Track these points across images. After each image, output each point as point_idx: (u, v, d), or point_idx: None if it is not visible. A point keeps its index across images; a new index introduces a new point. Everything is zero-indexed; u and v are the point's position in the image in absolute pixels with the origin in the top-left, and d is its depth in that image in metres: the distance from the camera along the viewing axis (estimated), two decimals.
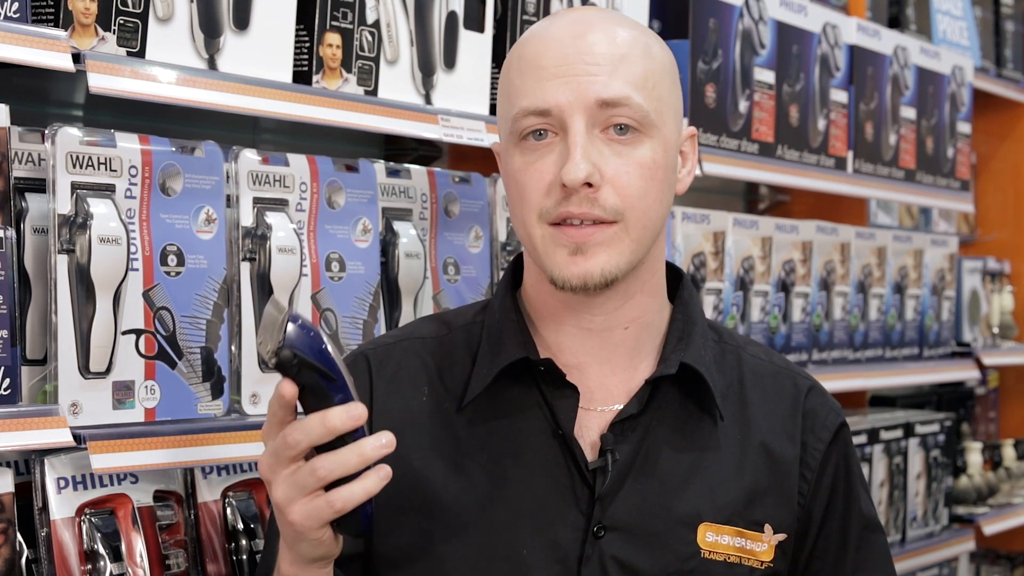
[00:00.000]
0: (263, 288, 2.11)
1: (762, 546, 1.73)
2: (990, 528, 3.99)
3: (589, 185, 1.64)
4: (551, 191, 1.66)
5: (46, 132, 1.89)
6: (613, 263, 1.66)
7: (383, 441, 1.51)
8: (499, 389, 1.74)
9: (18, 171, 1.89)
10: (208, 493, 2.09)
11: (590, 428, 1.72)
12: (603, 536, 1.69)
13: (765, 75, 3.14)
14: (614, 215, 1.65)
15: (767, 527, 1.74)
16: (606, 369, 1.75)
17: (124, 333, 1.94)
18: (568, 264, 1.66)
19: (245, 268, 2.10)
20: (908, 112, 3.75)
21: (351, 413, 1.50)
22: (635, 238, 1.67)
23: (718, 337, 1.82)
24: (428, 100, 2.40)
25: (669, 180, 1.71)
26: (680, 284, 1.81)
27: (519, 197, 1.69)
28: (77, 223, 1.88)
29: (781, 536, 1.74)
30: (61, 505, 1.92)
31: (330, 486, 1.51)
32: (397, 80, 2.35)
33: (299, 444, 1.50)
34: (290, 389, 1.50)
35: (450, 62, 2.43)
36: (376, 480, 1.51)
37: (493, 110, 2.47)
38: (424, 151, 2.75)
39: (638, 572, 1.69)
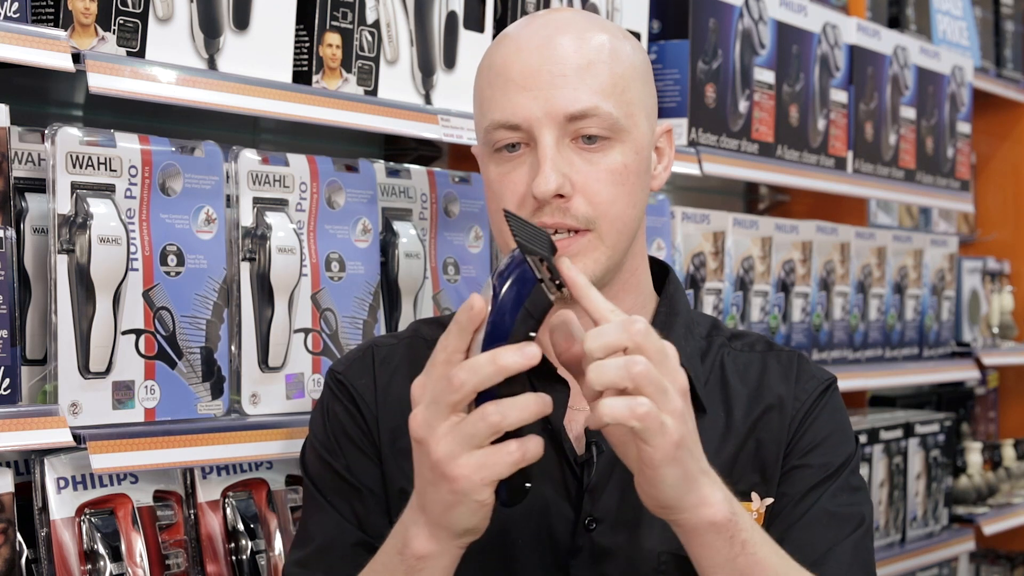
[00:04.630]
0: (263, 288, 2.11)
1: (754, 515, 1.73)
2: (990, 528, 3.99)
3: (561, 196, 1.66)
4: (525, 202, 1.69)
5: (46, 132, 1.89)
6: (589, 271, 1.68)
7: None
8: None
9: (18, 171, 1.89)
10: (208, 493, 2.09)
11: (577, 422, 1.74)
12: (595, 528, 1.71)
13: (765, 75, 3.14)
14: (586, 223, 1.68)
15: (754, 495, 1.75)
16: None
17: (124, 333, 1.94)
18: None
19: (245, 268, 2.10)
20: (908, 112, 3.75)
21: (525, 352, 1.38)
22: (610, 244, 1.70)
23: (707, 331, 1.85)
24: (428, 100, 2.40)
25: (642, 181, 1.74)
26: (667, 279, 1.84)
27: (496, 208, 1.72)
28: (77, 223, 1.88)
29: (769, 500, 1.76)
30: (61, 505, 1.92)
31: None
32: (397, 80, 2.35)
33: (464, 385, 1.38)
34: (481, 304, 1.39)
35: (450, 62, 2.43)
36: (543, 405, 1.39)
37: None
38: (424, 151, 2.75)
39: (632, 560, 1.71)
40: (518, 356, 1.38)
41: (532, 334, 1.40)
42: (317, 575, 1.75)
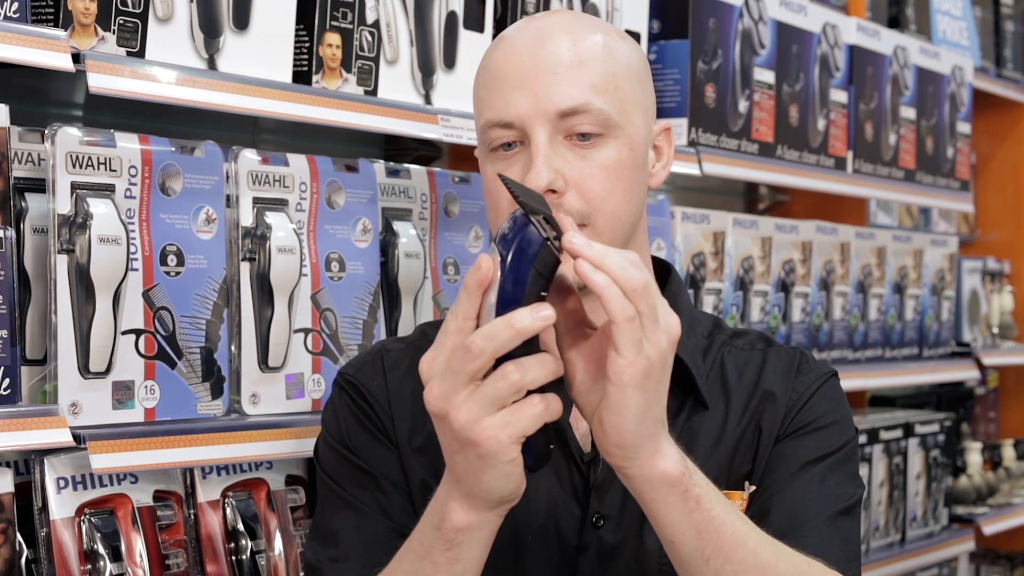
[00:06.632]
0: (263, 288, 2.11)
1: (741, 503, 1.74)
2: (990, 528, 3.99)
3: (554, 192, 1.67)
4: None
5: (46, 132, 1.89)
6: None
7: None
8: None
9: (18, 171, 1.89)
10: (208, 493, 2.09)
11: (583, 421, 1.74)
12: (602, 525, 1.73)
13: (765, 75, 3.14)
14: (581, 219, 1.68)
15: (745, 483, 1.76)
16: None
17: (124, 333, 1.94)
18: None
19: (245, 268, 2.10)
20: (908, 112, 3.75)
21: (540, 313, 1.36)
22: (607, 239, 1.69)
23: (709, 330, 1.86)
24: (428, 100, 2.40)
25: (638, 177, 1.74)
26: (669, 278, 1.85)
27: (493, 205, 1.73)
28: (77, 223, 1.88)
29: (752, 488, 1.76)
30: (61, 505, 1.92)
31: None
32: (397, 80, 2.35)
33: (484, 353, 1.36)
34: (488, 262, 1.38)
35: (450, 62, 2.43)
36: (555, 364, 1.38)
37: None
38: (424, 151, 2.75)
39: (638, 556, 1.72)
40: (534, 317, 1.36)
41: (543, 294, 1.39)
42: (354, 566, 1.73)
